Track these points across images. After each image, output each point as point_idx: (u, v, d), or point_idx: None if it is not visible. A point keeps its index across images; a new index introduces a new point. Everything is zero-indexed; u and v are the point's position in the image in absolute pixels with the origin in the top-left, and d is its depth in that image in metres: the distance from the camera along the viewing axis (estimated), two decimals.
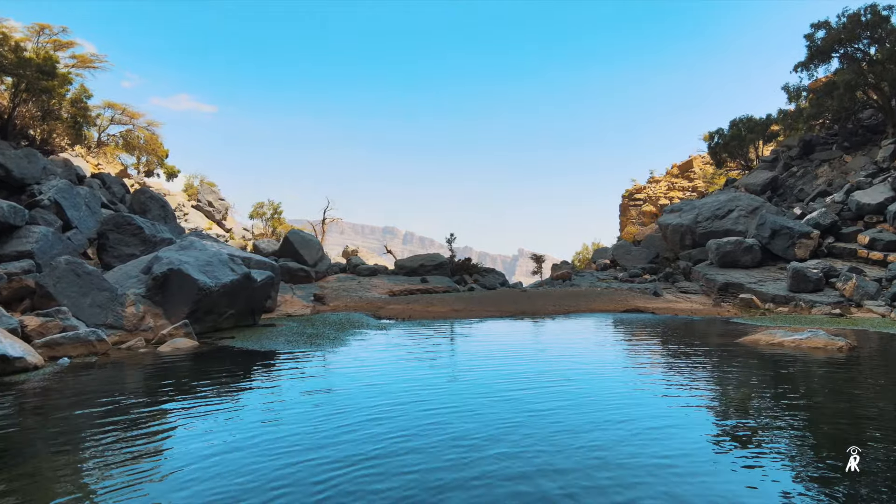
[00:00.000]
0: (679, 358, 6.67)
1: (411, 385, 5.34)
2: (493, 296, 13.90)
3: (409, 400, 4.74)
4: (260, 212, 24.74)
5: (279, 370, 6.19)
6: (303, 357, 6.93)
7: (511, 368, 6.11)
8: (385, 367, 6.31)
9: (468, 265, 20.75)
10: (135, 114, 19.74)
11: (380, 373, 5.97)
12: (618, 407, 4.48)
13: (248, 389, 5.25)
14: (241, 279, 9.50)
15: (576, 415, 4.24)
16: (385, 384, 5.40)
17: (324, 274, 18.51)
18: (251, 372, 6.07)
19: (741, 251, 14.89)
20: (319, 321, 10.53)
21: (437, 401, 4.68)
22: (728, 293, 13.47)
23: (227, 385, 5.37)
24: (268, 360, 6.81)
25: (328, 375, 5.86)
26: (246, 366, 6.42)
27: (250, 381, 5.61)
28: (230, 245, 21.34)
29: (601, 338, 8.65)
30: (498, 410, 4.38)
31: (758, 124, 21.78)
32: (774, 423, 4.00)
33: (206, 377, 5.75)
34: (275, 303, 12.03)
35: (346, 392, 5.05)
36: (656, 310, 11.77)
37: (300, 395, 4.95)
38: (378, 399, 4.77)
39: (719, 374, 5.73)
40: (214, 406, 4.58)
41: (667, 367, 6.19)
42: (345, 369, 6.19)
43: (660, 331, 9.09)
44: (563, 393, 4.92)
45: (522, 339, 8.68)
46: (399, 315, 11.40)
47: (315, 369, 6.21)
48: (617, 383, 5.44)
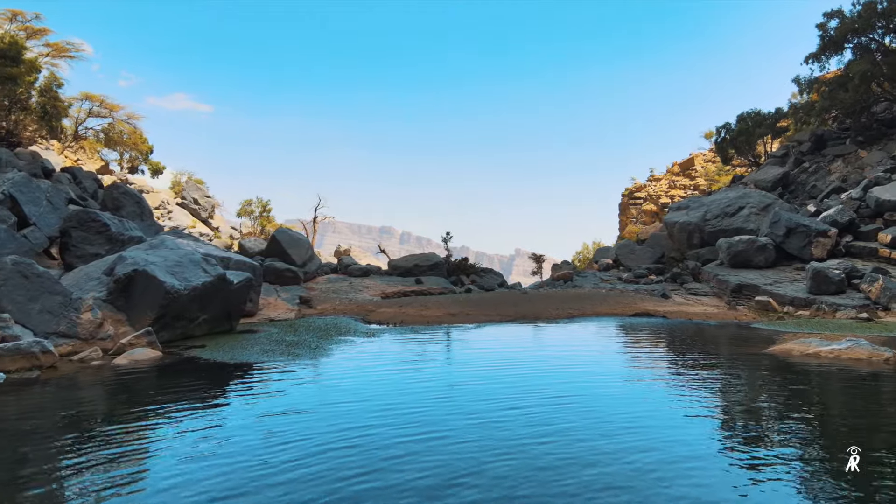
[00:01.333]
0: (705, 371, 5.88)
1: (389, 405, 4.58)
2: (492, 298, 13.11)
3: (382, 423, 4.01)
4: (248, 210, 23.79)
5: (242, 387, 5.37)
6: (275, 370, 6.11)
7: (509, 384, 5.31)
8: (365, 383, 5.51)
9: (465, 265, 19.94)
10: (114, 106, 18.83)
11: (357, 390, 5.18)
12: (641, 429, 3.71)
13: (196, 413, 4.43)
14: (215, 281, 8.67)
15: (587, 439, 3.45)
16: (360, 404, 4.63)
17: (313, 274, 17.67)
18: (210, 390, 5.25)
19: (754, 250, 14.13)
20: (303, 327, 9.71)
21: (415, 426, 3.92)
22: (742, 295, 12.70)
23: (173, 408, 4.55)
24: (235, 374, 5.99)
25: (297, 393, 5.05)
26: (207, 382, 5.60)
27: (204, 402, 4.78)
28: (213, 244, 20.45)
29: (611, 346, 7.86)
30: (481, 436, 3.62)
31: (766, 118, 21.03)
32: (829, 459, 3.20)
33: (154, 397, 4.93)
34: (256, 306, 11.20)
35: (310, 415, 4.27)
36: (667, 313, 10.98)
37: (255, 420, 4.16)
38: (346, 422, 4.04)
39: (755, 393, 4.94)
40: (144, 436, 3.77)
41: (693, 383, 5.39)
42: (318, 386, 5.39)
43: (676, 337, 8.30)
44: (573, 412, 4.12)
45: (524, 347, 7.88)
46: (390, 319, 10.58)
47: (284, 385, 5.40)
48: (636, 400, 4.64)
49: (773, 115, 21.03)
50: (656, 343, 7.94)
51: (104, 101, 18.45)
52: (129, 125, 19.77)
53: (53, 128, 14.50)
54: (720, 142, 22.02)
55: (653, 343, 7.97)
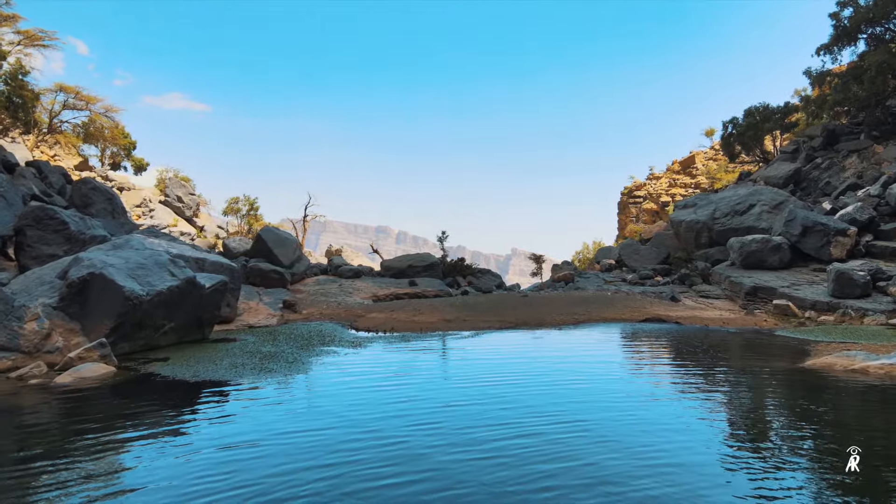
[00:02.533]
0: (741, 391, 5.07)
1: (364, 434, 3.83)
2: (490, 301, 12.29)
3: (348, 460, 3.28)
4: (235, 208, 22.85)
5: (194, 414, 4.54)
6: (240, 390, 5.27)
7: (512, 405, 4.49)
8: (341, 405, 4.69)
9: (461, 266, 19.12)
10: (90, 98, 17.90)
11: (329, 415, 4.37)
12: (680, 470, 2.90)
13: (118, 450, 3.60)
14: (183, 285, 7.82)
15: (616, 480, 2.64)
16: (328, 433, 3.87)
17: (301, 276, 16.81)
18: (152, 418, 4.40)
19: (768, 250, 13.35)
20: (284, 334, 8.88)
21: (392, 465, 3.15)
22: (757, 298, 11.92)
23: (93, 441, 3.72)
24: (191, 396, 5.15)
25: (255, 420, 4.23)
26: (154, 407, 4.75)
27: (137, 434, 3.94)
28: (193, 244, 19.53)
29: (626, 357, 7.05)
30: (479, 476, 2.82)
31: (774, 113, 20.28)
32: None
33: (79, 426, 4.09)
34: (234, 311, 10.35)
35: (262, 450, 3.52)
36: (680, 319, 10.19)
37: (184, 460, 3.33)
38: (301, 460, 3.29)
39: (809, 423, 4.13)
40: (53, 479, 2.93)
41: (729, 407, 4.58)
42: (284, 410, 4.56)
43: (696, 347, 7.50)
44: (594, 442, 3.31)
45: (528, 358, 7.05)
46: (380, 326, 9.76)
47: (244, 410, 4.57)
48: (668, 428, 3.83)
49: (782, 109, 20.29)
50: (676, 354, 7.14)
51: (80, 92, 17.52)
52: (108, 119, 18.85)
53: (21, 119, 13.58)
54: (726, 137, 21.26)
55: (672, 354, 7.17)
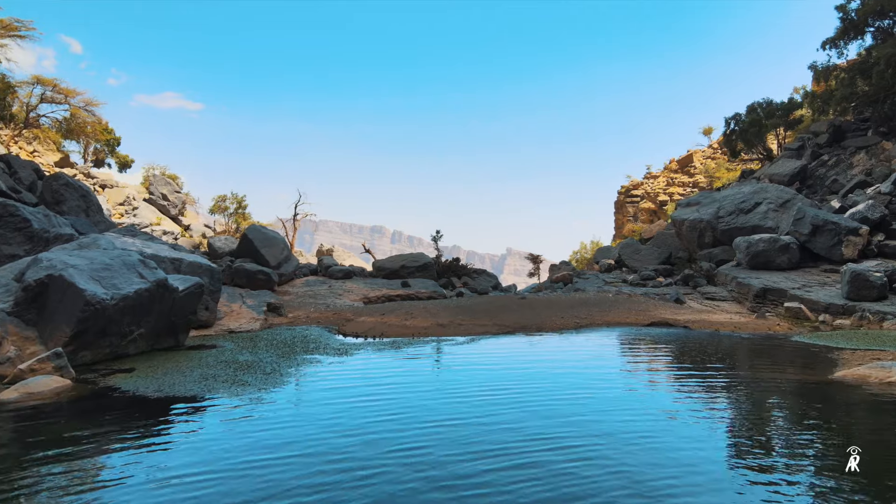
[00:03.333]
0: (769, 408, 4.51)
1: (334, 464, 3.20)
2: (487, 304, 11.72)
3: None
4: (222, 206, 22.14)
5: (140, 439, 3.92)
6: (203, 409, 4.68)
7: (512, 425, 3.90)
8: (315, 425, 4.09)
9: (456, 266, 18.56)
10: (69, 91, 17.17)
11: (298, 439, 3.77)
12: None
13: (42, 482, 2.98)
14: (153, 288, 7.21)
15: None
16: (291, 464, 3.25)
17: (290, 277, 16.19)
18: (96, 442, 3.79)
19: (776, 250, 12.85)
20: (265, 341, 8.29)
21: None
22: (766, 301, 11.41)
23: (21, 472, 3.09)
24: (147, 416, 4.54)
25: (206, 452, 3.62)
26: (102, 430, 4.14)
27: (69, 463, 3.32)
28: (177, 243, 18.86)
29: (636, 367, 6.49)
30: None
31: (778, 109, 19.81)
32: None
33: (7, 452, 3.46)
34: (214, 315, 9.74)
35: (198, 494, 2.86)
36: (689, 323, 9.65)
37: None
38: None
39: (858, 447, 3.56)
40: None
41: (756, 427, 4.02)
42: (244, 436, 3.95)
43: (710, 355, 6.95)
44: (609, 472, 2.75)
45: (529, 368, 6.47)
46: (369, 331, 9.18)
47: (198, 437, 3.96)
48: (696, 457, 3.27)
49: (786, 105, 19.83)
50: (691, 363, 6.59)
51: (57, 85, 16.82)
52: (88, 113, 18.13)
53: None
54: (728, 134, 20.77)
55: (687, 363, 6.62)
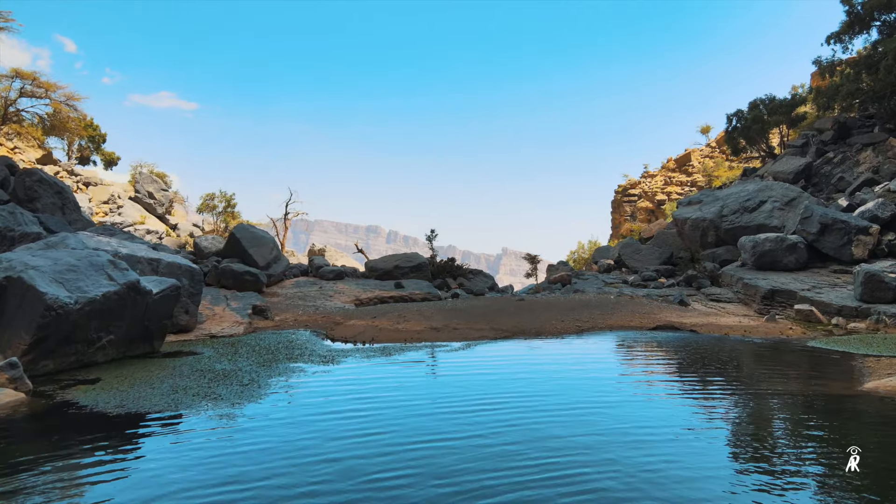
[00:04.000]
0: (800, 428, 4.05)
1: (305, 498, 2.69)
2: (483, 306, 11.24)
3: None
4: (210, 204, 21.54)
5: (84, 470, 3.40)
6: (164, 428, 4.17)
7: (513, 450, 3.42)
8: (282, 451, 3.58)
9: (451, 267, 18.08)
10: (49, 85, 16.57)
11: (251, 477, 3.24)
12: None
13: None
14: (123, 291, 6.69)
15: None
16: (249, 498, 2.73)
17: (279, 277, 15.67)
18: (35, 468, 3.27)
19: (783, 250, 12.43)
20: (247, 346, 7.79)
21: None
22: (775, 303, 10.98)
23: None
24: (99, 436, 4.04)
25: (162, 480, 3.10)
26: (46, 453, 3.62)
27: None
28: (162, 242, 18.30)
29: (646, 377, 6.01)
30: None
31: (782, 105, 19.42)
32: None
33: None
34: (195, 319, 9.22)
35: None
36: (696, 326, 9.20)
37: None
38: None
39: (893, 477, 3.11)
40: None
41: (791, 460, 3.55)
42: (200, 462, 3.44)
43: (724, 363, 6.50)
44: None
45: (530, 379, 6.00)
46: (359, 335, 8.68)
47: (154, 464, 3.45)
48: (724, 490, 2.81)
49: (789, 101, 19.45)
50: (706, 372, 6.13)
51: (37, 78, 16.25)
52: (70, 108, 17.54)
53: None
54: (730, 131, 20.37)
55: (701, 372, 6.16)
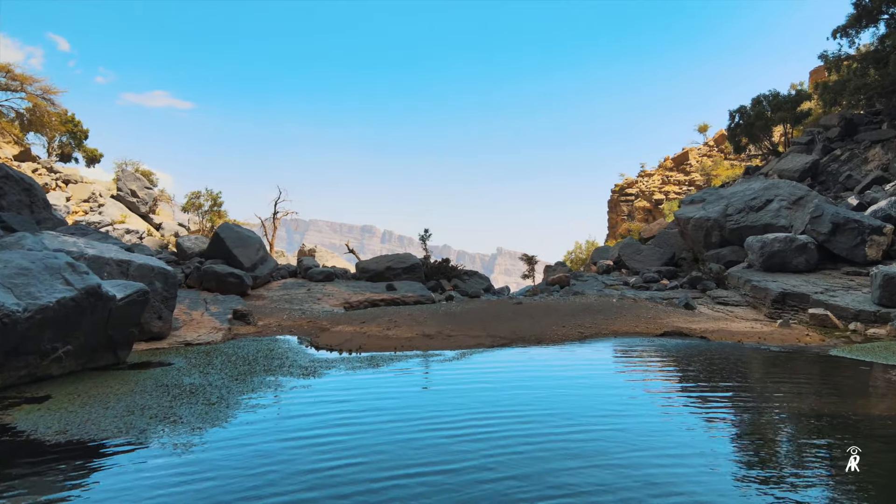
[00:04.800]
0: (863, 464, 3.48)
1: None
2: (479, 310, 10.66)
3: None
4: (196, 203, 20.79)
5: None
6: (104, 462, 3.56)
7: (517, 488, 2.85)
8: (234, 491, 2.97)
9: (446, 267, 17.49)
10: (24, 78, 15.85)
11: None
12: None
13: None
14: (81, 297, 6.06)
15: None
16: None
17: (265, 279, 15.03)
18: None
19: (792, 251, 11.91)
20: (224, 356, 7.18)
21: None
22: (786, 306, 10.45)
23: None
24: (27, 472, 3.41)
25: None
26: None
27: None
28: (142, 243, 17.60)
29: (663, 394, 5.44)
30: None
31: (786, 101, 18.94)
32: None
33: None
34: (169, 325, 8.59)
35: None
36: (706, 333, 8.64)
37: None
38: None
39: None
40: None
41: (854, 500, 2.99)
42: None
43: (746, 376, 5.94)
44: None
45: (534, 395, 5.41)
46: (346, 343, 8.07)
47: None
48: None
49: (794, 97, 18.97)
50: (728, 387, 5.56)
51: (11, 70, 15.55)
52: (47, 102, 16.83)
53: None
54: (733, 128, 19.88)
55: (717, 386, 5.59)
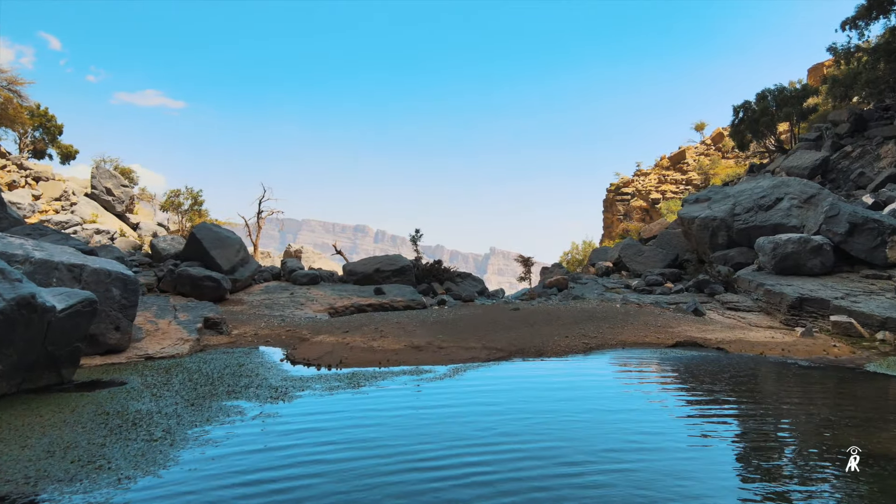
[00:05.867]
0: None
1: None
2: (473, 317, 9.88)
3: None
4: (175, 202, 19.79)
5: None
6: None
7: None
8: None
9: (438, 270, 16.70)
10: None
11: None
12: None
13: None
14: (11, 309, 5.22)
15: None
16: None
17: (246, 283, 14.18)
18: None
19: (807, 252, 11.22)
20: (185, 373, 6.37)
21: None
22: (804, 313, 9.74)
23: None
24: None
25: None
26: None
27: None
28: (112, 244, 16.68)
29: (688, 422, 4.66)
30: None
31: (792, 96, 18.27)
32: None
33: None
34: (129, 336, 7.72)
35: None
36: (723, 343, 7.90)
37: None
38: None
39: None
40: None
41: None
42: None
43: (781, 398, 5.19)
44: None
45: (537, 425, 4.62)
46: (325, 357, 7.27)
47: None
48: None
49: (800, 91, 18.31)
50: (761, 413, 4.80)
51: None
52: (14, 94, 15.89)
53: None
54: (737, 124, 19.21)
55: (756, 414, 4.83)
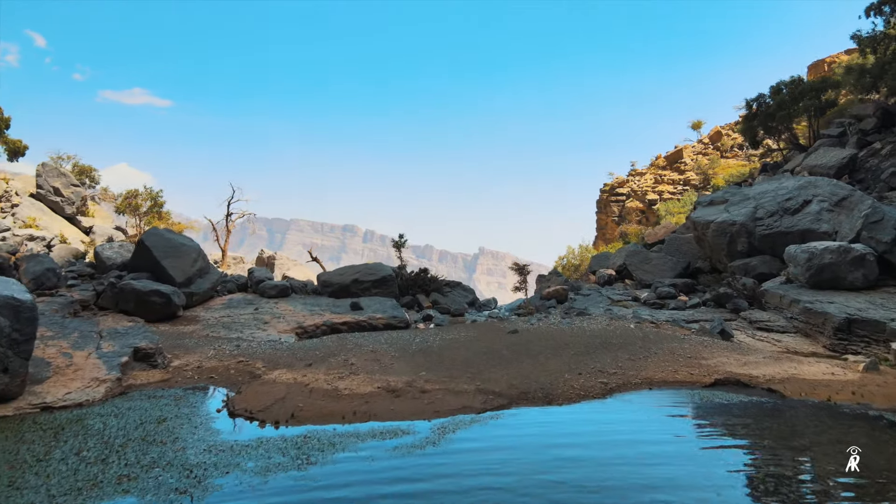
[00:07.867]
0: None
1: None
2: (464, 343, 8.35)
3: None
4: (133, 203, 17.88)
5: None
6: None
7: None
8: None
9: (424, 279, 15.13)
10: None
11: None
12: None
13: None
14: None
15: None
16: None
17: (205, 296, 12.51)
18: None
19: (847, 264, 9.83)
20: (79, 438, 4.78)
21: None
22: (853, 336, 8.32)
23: None
24: None
25: None
26: None
27: None
28: (46, 253, 14.90)
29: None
30: None
31: (811, 88, 16.92)
32: None
33: None
34: (22, 379, 6.07)
35: None
36: (774, 383, 6.41)
37: None
38: None
39: None
40: None
41: None
42: None
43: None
44: None
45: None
46: (276, 406, 5.68)
47: None
48: None
49: (819, 83, 16.96)
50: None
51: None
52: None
53: None
54: (749, 118, 17.85)
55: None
